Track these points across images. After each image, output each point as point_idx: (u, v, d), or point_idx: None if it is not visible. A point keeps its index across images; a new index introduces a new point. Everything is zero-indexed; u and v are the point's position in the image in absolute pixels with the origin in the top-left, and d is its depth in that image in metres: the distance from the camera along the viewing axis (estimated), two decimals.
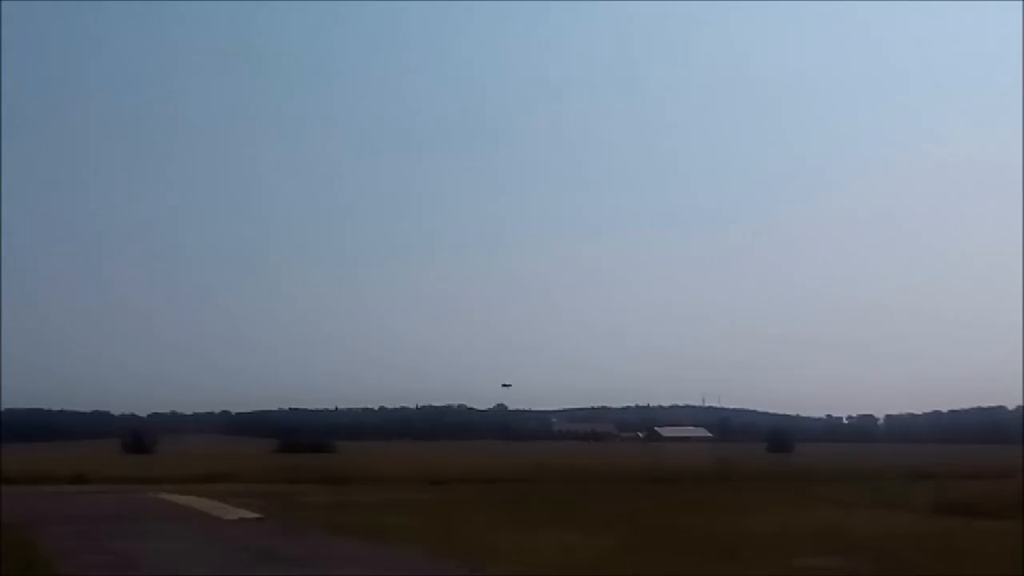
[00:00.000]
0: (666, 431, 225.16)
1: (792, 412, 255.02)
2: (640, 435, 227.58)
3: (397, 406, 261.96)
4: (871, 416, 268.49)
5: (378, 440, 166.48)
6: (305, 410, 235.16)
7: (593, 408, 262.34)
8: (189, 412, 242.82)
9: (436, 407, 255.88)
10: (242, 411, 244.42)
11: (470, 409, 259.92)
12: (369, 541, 25.07)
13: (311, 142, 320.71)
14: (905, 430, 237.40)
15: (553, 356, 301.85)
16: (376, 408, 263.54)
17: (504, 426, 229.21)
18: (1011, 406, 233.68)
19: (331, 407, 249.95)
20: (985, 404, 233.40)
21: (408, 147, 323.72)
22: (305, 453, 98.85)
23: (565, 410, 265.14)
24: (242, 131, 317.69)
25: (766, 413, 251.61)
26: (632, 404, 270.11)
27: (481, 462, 70.62)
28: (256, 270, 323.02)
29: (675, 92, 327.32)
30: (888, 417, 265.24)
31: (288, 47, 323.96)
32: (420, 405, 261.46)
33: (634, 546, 23.81)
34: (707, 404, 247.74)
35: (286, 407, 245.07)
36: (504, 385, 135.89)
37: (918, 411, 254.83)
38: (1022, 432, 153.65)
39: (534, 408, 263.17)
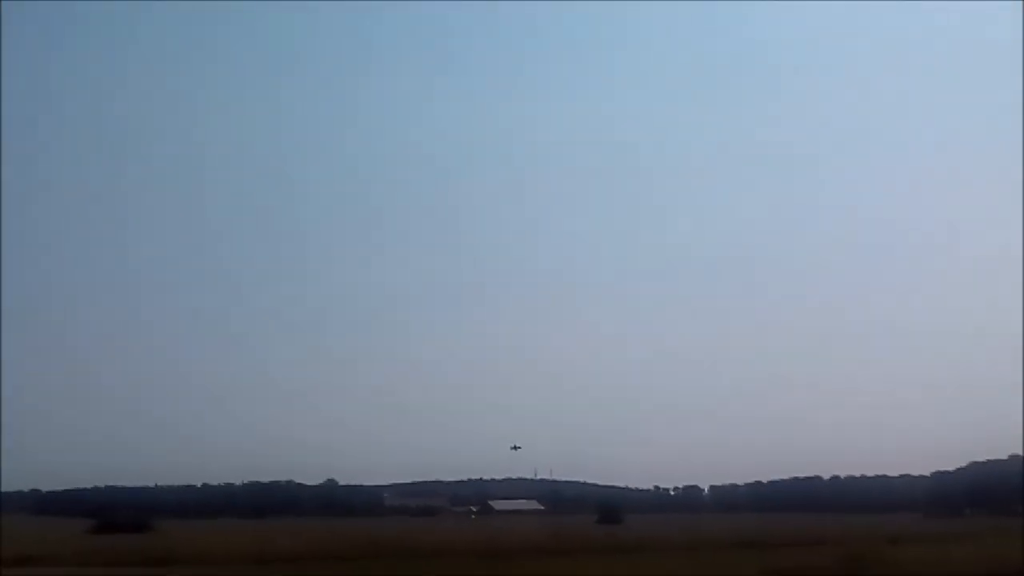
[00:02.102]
0: (499, 504, 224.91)
1: (621, 483, 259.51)
2: (473, 509, 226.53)
3: (221, 482, 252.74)
4: (696, 487, 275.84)
5: (201, 518, 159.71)
6: (122, 487, 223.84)
7: (426, 482, 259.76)
8: None
9: (263, 483, 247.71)
10: (53, 489, 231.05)
11: (299, 485, 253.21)
12: None
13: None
14: (729, 500, 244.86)
15: (384, 430, 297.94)
16: (199, 485, 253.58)
17: (334, 502, 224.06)
18: (826, 476, 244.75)
19: (150, 484, 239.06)
20: (802, 475, 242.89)
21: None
22: (123, 533, 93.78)
23: (397, 484, 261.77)
24: None
25: (596, 485, 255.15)
26: (465, 478, 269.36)
27: (311, 540, 68.56)
28: (58, 338, 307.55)
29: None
30: (712, 488, 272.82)
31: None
32: (245, 481, 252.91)
33: None
34: (539, 476, 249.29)
35: (101, 484, 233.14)
36: (514, 447, 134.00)
37: (740, 481, 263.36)
38: (840, 501, 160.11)
39: (365, 483, 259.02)
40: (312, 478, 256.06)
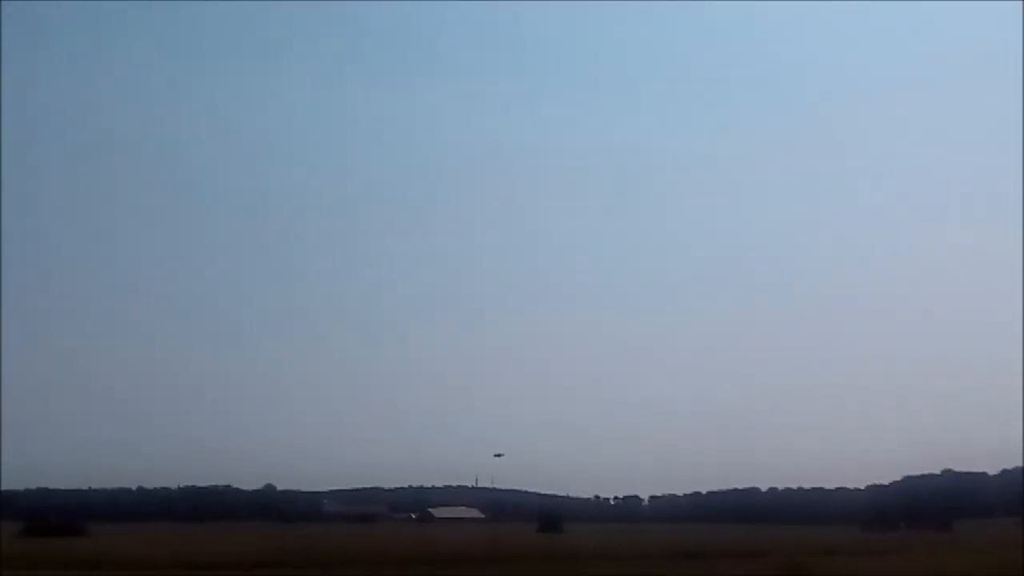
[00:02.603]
0: (439, 512, 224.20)
1: (562, 493, 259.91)
2: (413, 516, 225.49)
3: (157, 486, 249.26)
4: (636, 497, 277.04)
5: (136, 522, 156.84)
6: (54, 490, 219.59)
7: (365, 488, 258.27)
8: None
9: (199, 488, 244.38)
10: None
11: (236, 490, 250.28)
12: None
13: None
14: (668, 510, 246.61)
15: (324, 435, 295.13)
16: (134, 488, 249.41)
17: (272, 508, 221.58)
18: (764, 487, 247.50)
19: (83, 487, 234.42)
20: (741, 486, 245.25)
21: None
22: (54, 536, 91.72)
23: (336, 491, 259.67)
24: None
25: (537, 494, 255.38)
26: (405, 485, 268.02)
27: (248, 546, 67.54)
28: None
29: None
30: (652, 498, 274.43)
31: None
32: (182, 485, 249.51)
33: None
34: (480, 484, 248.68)
35: (33, 486, 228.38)
36: (496, 455, 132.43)
37: (679, 492, 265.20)
38: (778, 512, 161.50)
39: (304, 489, 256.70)
40: (250, 483, 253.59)
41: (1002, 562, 41.64)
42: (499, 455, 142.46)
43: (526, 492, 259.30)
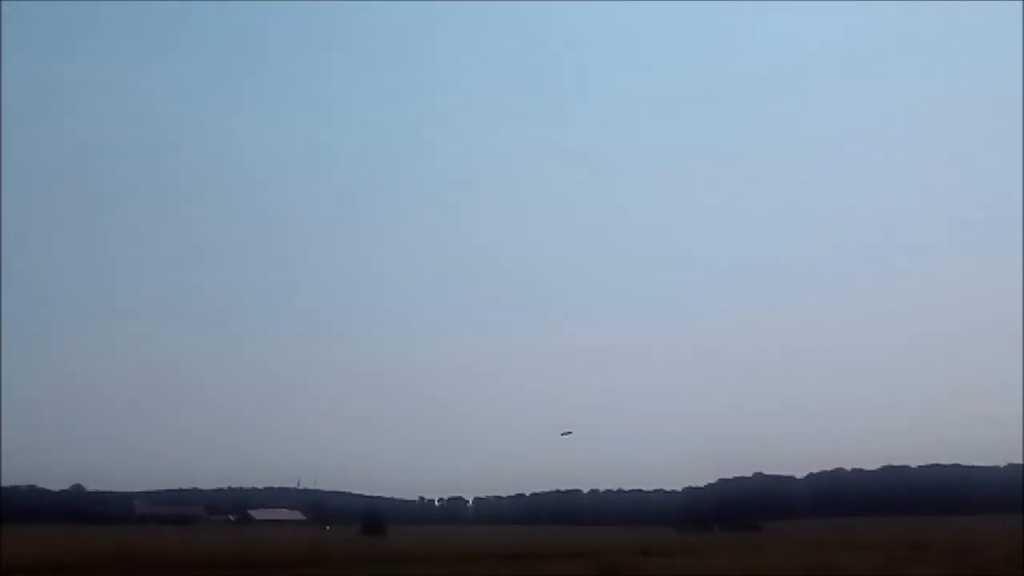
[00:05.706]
0: (259, 514, 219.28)
1: (386, 494, 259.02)
2: (231, 518, 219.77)
3: None
4: (461, 498, 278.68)
5: None
6: None
7: (182, 489, 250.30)
8: None
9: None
10: None
11: (42, 490, 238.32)
12: None
13: None
14: (492, 512, 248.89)
15: (137, 433, 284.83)
16: None
17: (80, 509, 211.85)
18: (585, 490, 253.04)
19: None
20: (563, 488, 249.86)
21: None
22: None
23: (150, 492, 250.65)
24: None
25: (361, 495, 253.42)
26: (225, 486, 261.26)
27: (52, 548, 64.13)
28: None
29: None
30: (477, 499, 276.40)
31: None
32: None
33: None
34: (303, 486, 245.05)
35: None
36: (564, 433, 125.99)
37: (504, 494, 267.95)
38: (598, 514, 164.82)
39: (115, 489, 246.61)
40: (56, 483, 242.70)
41: (806, 561, 43.74)
42: (567, 433, 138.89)
43: (350, 494, 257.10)
